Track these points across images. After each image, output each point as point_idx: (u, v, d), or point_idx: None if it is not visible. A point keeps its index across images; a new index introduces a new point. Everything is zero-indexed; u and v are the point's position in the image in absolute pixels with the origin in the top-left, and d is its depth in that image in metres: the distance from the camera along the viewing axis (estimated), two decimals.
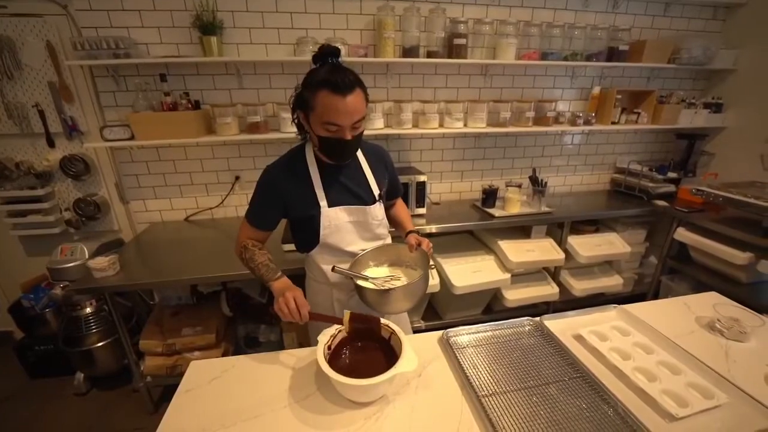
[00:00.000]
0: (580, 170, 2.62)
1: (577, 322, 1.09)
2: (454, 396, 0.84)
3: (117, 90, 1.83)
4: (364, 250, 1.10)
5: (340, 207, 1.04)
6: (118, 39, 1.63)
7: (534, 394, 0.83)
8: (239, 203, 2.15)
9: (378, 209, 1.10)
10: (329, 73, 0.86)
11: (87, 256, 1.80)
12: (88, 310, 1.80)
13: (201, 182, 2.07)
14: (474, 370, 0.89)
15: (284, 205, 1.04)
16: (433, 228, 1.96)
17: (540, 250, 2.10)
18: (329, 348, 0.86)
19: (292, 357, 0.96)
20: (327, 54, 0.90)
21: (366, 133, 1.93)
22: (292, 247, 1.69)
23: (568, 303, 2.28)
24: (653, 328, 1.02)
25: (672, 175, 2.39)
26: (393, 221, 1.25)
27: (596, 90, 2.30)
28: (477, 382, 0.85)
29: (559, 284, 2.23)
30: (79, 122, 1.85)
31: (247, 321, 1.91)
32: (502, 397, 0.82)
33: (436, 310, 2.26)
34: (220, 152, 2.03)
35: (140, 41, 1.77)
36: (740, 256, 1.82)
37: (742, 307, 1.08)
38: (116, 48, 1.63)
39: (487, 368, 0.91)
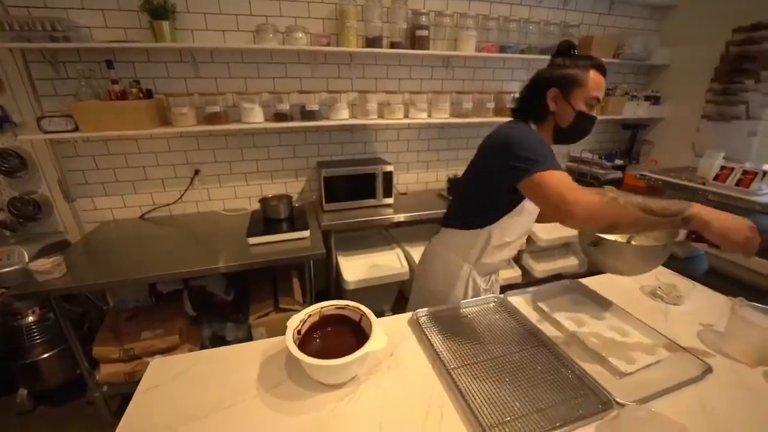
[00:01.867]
0: None
1: (536, 296, 1.15)
2: (425, 372, 0.86)
3: (56, 77, 1.68)
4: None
5: None
6: (55, 20, 1.49)
7: (499, 363, 0.87)
8: (200, 198, 2.05)
9: None
10: (590, 59, 1.00)
11: (27, 260, 1.64)
12: (31, 318, 1.64)
13: (156, 177, 1.96)
14: (443, 346, 0.92)
15: None
16: (401, 217, 1.99)
17: None
18: (298, 333, 0.85)
19: (261, 347, 0.94)
20: (571, 47, 1.04)
21: (331, 122, 1.95)
22: (258, 240, 1.66)
23: (530, 285, 2.40)
24: (603, 297, 1.10)
25: (619, 162, 2.58)
26: None
27: None
28: (446, 357, 0.88)
29: (522, 267, 2.34)
30: (12, 112, 1.68)
31: (212, 320, 1.84)
32: (470, 368, 0.85)
33: (407, 297, 2.29)
34: (176, 145, 1.93)
35: (82, 24, 1.63)
36: (679, 234, 2.00)
37: (679, 275, 1.20)
38: (53, 30, 1.49)
39: (456, 344, 0.94)
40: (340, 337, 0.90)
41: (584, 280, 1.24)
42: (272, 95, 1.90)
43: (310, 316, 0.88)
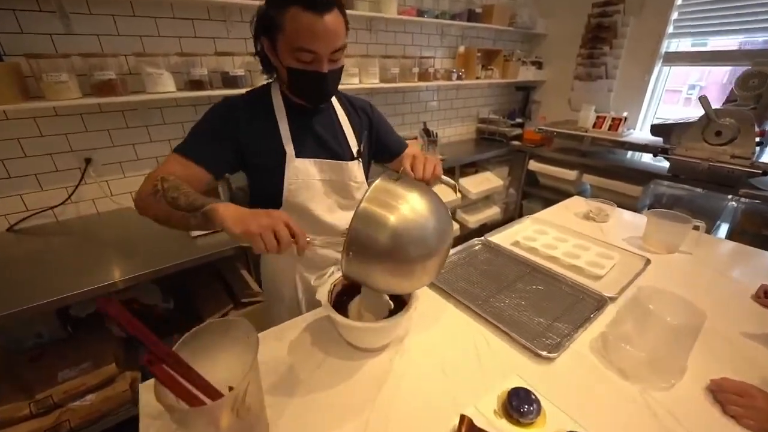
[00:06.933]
0: (454, 122, 2.99)
1: (510, 233, 1.30)
2: (453, 315, 0.90)
3: None
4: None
5: (311, 159, 0.89)
6: None
7: (509, 291, 0.97)
8: (98, 195, 1.62)
9: (357, 169, 0.96)
10: None
11: None
12: None
13: (25, 173, 1.45)
14: (456, 291, 0.97)
15: (239, 147, 0.84)
16: None
17: (441, 194, 2.35)
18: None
19: (270, 337, 0.83)
20: None
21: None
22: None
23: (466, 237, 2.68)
24: (559, 225, 1.31)
25: (519, 120, 2.99)
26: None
27: (462, 48, 2.62)
28: (466, 296, 0.94)
29: (457, 221, 2.58)
30: None
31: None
32: (488, 302, 0.93)
33: None
34: (51, 127, 1.45)
35: None
36: (571, 174, 2.47)
37: (598, 199, 1.50)
38: None
39: (465, 285, 1.00)
40: None
41: (538, 215, 1.44)
42: (182, 58, 1.58)
43: (335, 286, 0.82)
